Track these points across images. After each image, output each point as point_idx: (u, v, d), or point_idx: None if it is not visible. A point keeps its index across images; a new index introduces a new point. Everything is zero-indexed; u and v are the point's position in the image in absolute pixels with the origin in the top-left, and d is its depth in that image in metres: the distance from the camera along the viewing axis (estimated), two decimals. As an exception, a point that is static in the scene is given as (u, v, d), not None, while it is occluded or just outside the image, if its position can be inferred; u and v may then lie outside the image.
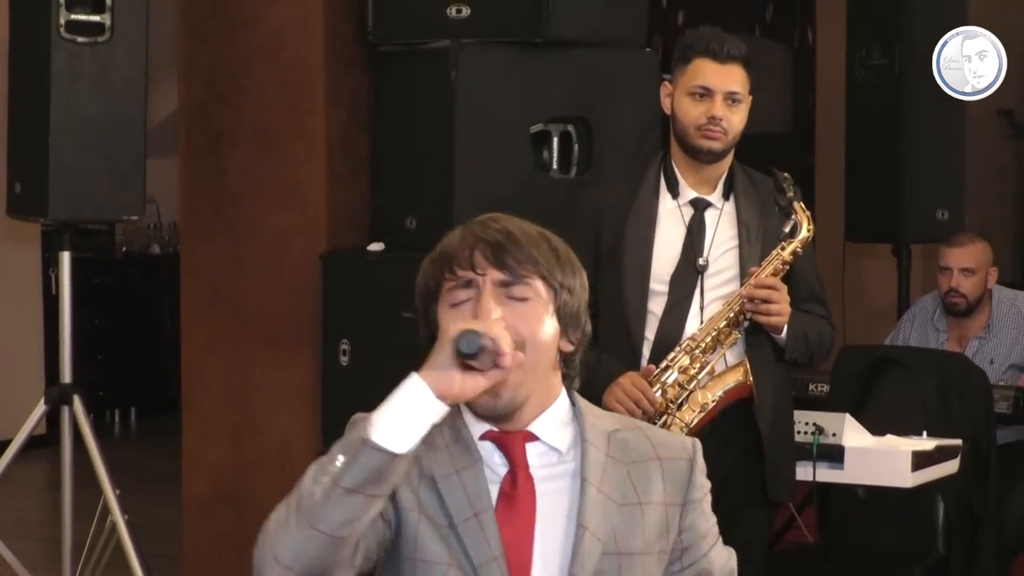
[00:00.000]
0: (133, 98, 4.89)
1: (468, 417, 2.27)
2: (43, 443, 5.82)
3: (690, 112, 3.76)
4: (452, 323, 2.13)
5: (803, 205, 3.74)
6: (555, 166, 4.89)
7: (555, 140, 4.89)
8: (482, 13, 4.77)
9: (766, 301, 3.66)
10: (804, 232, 3.73)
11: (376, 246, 5.07)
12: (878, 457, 4.16)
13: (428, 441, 2.12)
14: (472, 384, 2.09)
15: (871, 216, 6.37)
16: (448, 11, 4.80)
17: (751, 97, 3.81)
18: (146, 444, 8.97)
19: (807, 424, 4.11)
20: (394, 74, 5.04)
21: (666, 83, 3.87)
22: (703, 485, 2.29)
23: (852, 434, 4.16)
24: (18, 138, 4.92)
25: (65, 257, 5.04)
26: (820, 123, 8.50)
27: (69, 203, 4.85)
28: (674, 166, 3.84)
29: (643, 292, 3.76)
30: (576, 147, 4.90)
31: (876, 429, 4.28)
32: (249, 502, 5.36)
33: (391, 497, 2.19)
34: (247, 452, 5.38)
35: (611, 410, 3.30)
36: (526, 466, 2.23)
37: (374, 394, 5.48)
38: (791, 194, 3.72)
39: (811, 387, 5.38)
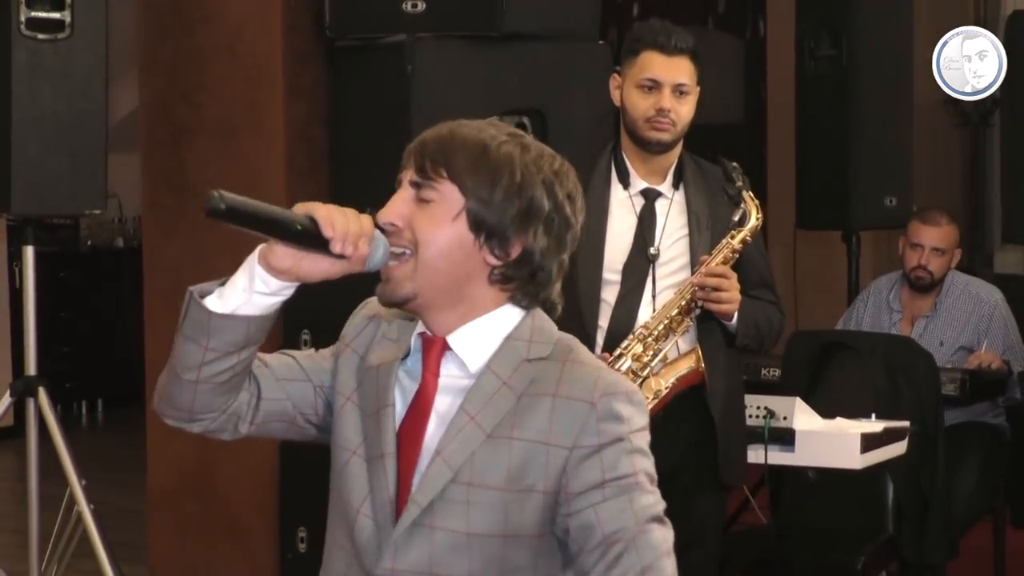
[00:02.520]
0: (94, 94, 4.87)
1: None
2: (10, 435, 5.82)
3: (639, 104, 3.76)
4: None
5: (752, 194, 3.75)
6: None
7: (510, 132, 4.90)
8: (437, 8, 4.76)
9: (717, 289, 3.67)
10: (753, 220, 3.73)
11: (335, 238, 5.06)
12: (828, 440, 4.18)
13: (389, 330, 2.25)
14: (310, 266, 2.14)
15: (821, 204, 6.40)
16: (404, 6, 4.79)
17: (699, 88, 3.81)
18: (112, 435, 8.95)
19: (759, 408, 4.12)
20: (351, 68, 5.04)
21: (616, 76, 3.87)
22: (606, 432, 2.10)
23: (803, 417, 4.18)
24: (-20, 135, 4.90)
25: (29, 251, 5.02)
26: (771, 113, 8.52)
27: (32, 197, 4.83)
28: (624, 157, 3.84)
29: (596, 281, 3.75)
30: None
31: (826, 412, 4.29)
32: (212, 492, 5.36)
33: (332, 374, 2.27)
34: (210, 443, 5.32)
35: None
36: (435, 372, 2.19)
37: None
38: (739, 183, 3.72)
39: (763, 372, 5.40)
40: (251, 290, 2.16)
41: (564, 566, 2.17)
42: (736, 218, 3.72)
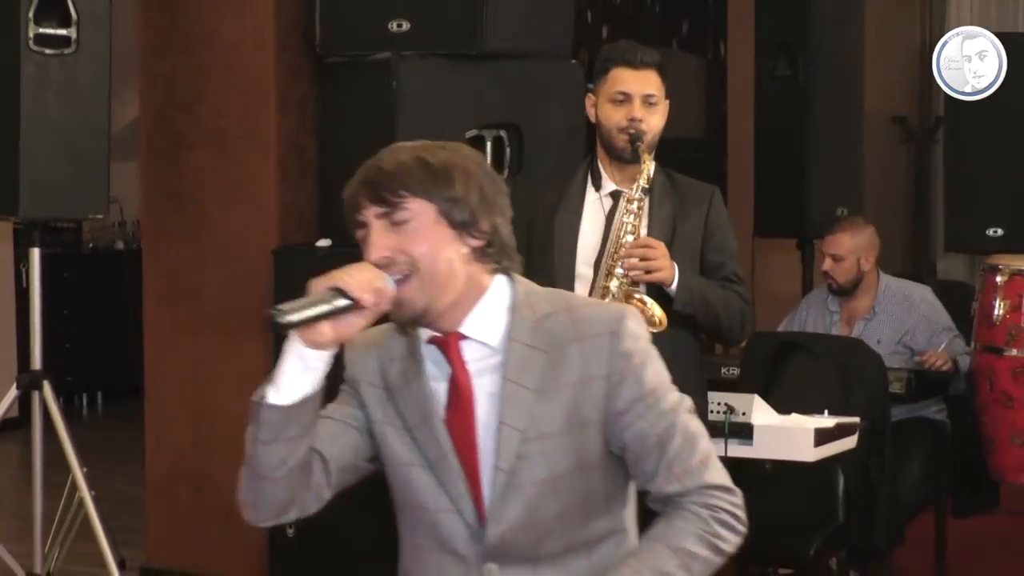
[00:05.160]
0: (97, 105, 4.85)
1: (420, 333, 2.31)
2: (15, 425, 5.79)
3: (612, 116, 3.77)
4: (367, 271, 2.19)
5: (647, 156, 3.71)
6: (488, 168, 4.90)
7: (488, 144, 4.89)
8: (421, 27, 4.76)
9: (644, 259, 3.63)
10: (643, 180, 3.70)
11: (324, 242, 5.05)
12: (784, 434, 4.18)
13: (388, 352, 2.31)
14: (347, 328, 2.17)
15: (778, 213, 6.41)
16: (389, 26, 4.79)
17: (668, 100, 3.82)
18: (112, 426, 8.91)
19: (719, 404, 4.12)
20: (340, 84, 5.03)
21: (590, 94, 3.88)
22: (630, 352, 2.24)
23: (760, 413, 4.18)
24: (-10, 143, 4.88)
25: (35, 253, 5.00)
26: (731, 128, 8.53)
27: (38, 203, 4.81)
28: (600, 166, 3.85)
29: (571, 275, 3.76)
30: (508, 151, 4.90)
31: (782, 408, 4.30)
32: (207, 479, 5.35)
33: (362, 409, 2.33)
34: (205, 433, 5.35)
35: None
36: (463, 364, 2.26)
37: (324, 380, 5.40)
38: (634, 148, 3.69)
39: (723, 370, 5.40)
40: (309, 369, 2.21)
41: (626, 479, 2.32)
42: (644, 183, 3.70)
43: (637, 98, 3.75)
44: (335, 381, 2.37)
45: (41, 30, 4.73)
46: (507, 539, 2.25)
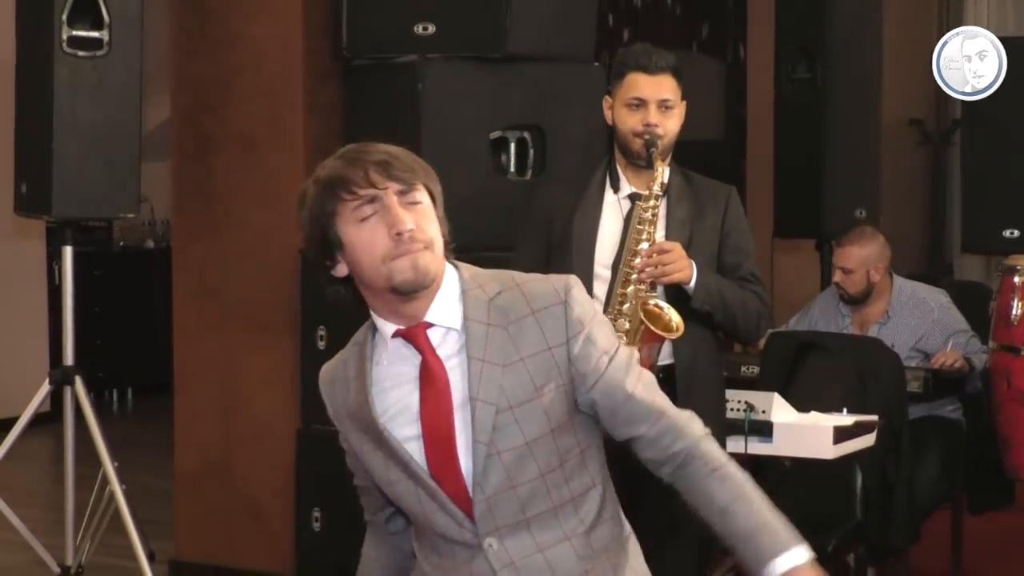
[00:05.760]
0: (128, 107, 4.86)
1: (379, 323, 2.37)
2: (48, 420, 5.80)
3: (628, 121, 3.74)
4: (371, 239, 2.27)
5: (661, 161, 3.69)
6: (512, 169, 4.90)
7: (512, 146, 4.89)
8: (446, 30, 4.76)
9: (661, 264, 3.61)
10: (656, 187, 3.69)
11: (349, 242, 5.06)
12: (803, 432, 4.17)
13: (343, 374, 2.39)
14: None
15: (796, 214, 6.39)
16: (415, 29, 4.79)
17: (684, 102, 3.79)
18: (141, 421, 8.93)
19: (739, 402, 4.11)
20: (366, 86, 5.03)
21: (607, 98, 3.86)
22: (580, 318, 2.33)
23: (780, 411, 4.17)
24: (24, 143, 4.90)
25: (67, 251, 5.01)
26: (751, 130, 8.52)
27: (70, 202, 4.83)
28: (618, 168, 3.83)
29: (588, 276, 3.72)
30: (531, 152, 4.90)
31: (801, 406, 4.28)
32: (234, 473, 5.36)
33: (353, 451, 2.43)
34: (232, 428, 5.36)
35: None
36: (432, 350, 2.33)
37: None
38: (649, 154, 3.68)
39: (743, 369, 5.38)
40: None
41: (595, 435, 2.41)
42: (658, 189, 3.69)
43: (652, 103, 3.72)
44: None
45: (74, 32, 4.75)
46: (494, 508, 2.32)
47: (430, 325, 2.33)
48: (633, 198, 3.78)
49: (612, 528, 2.42)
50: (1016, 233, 7.52)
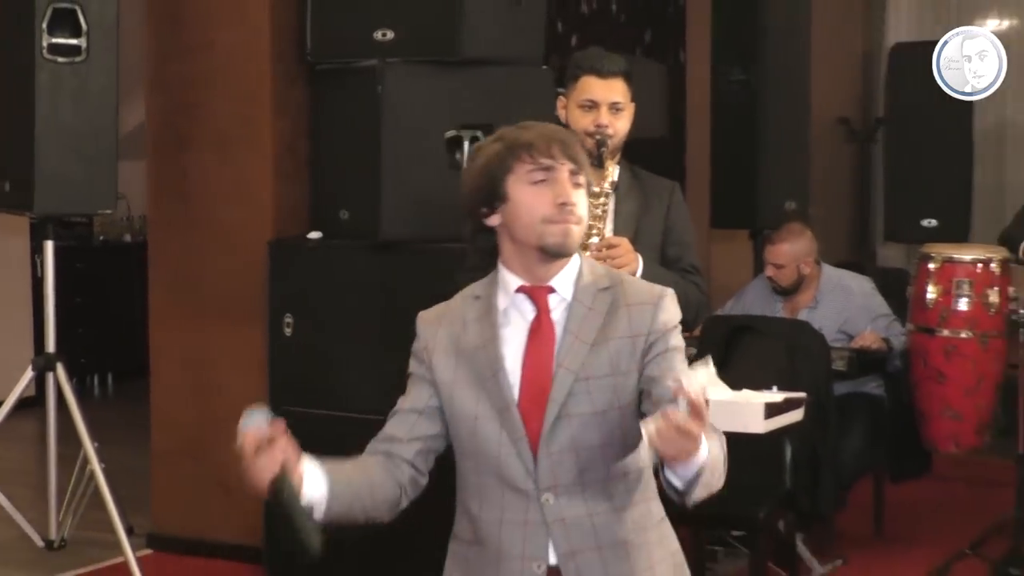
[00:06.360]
0: (106, 109, 4.85)
1: (507, 276, 2.49)
2: (32, 404, 5.76)
3: (580, 121, 3.74)
4: (536, 201, 2.42)
5: (607, 159, 3.67)
6: (466, 166, 4.90)
7: (466, 144, 4.89)
8: (404, 36, 4.77)
9: (610, 258, 3.62)
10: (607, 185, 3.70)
11: (315, 235, 5.06)
12: (736, 408, 4.18)
13: (461, 319, 2.49)
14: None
15: (732, 206, 6.43)
16: (375, 35, 4.80)
17: (633, 104, 3.81)
18: (120, 403, 8.89)
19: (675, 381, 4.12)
20: (330, 89, 5.03)
21: (561, 97, 3.85)
22: (666, 321, 2.46)
23: (714, 389, 4.19)
24: (7, 144, 4.87)
25: (49, 245, 5.00)
26: (689, 129, 8.54)
27: (52, 199, 4.81)
28: None
29: None
30: (484, 150, 4.90)
31: (735, 384, 4.31)
32: (207, 453, 5.35)
33: (431, 383, 2.49)
34: (205, 410, 5.36)
35: None
36: (548, 311, 2.47)
37: (314, 360, 5.47)
38: (599, 153, 3.68)
39: (680, 350, 5.41)
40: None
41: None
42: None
43: (604, 105, 3.72)
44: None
45: (54, 40, 4.73)
46: (556, 467, 2.40)
47: (552, 290, 2.47)
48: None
49: (653, 508, 2.51)
50: (934, 223, 7.62)
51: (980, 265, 5.04)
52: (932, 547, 5.29)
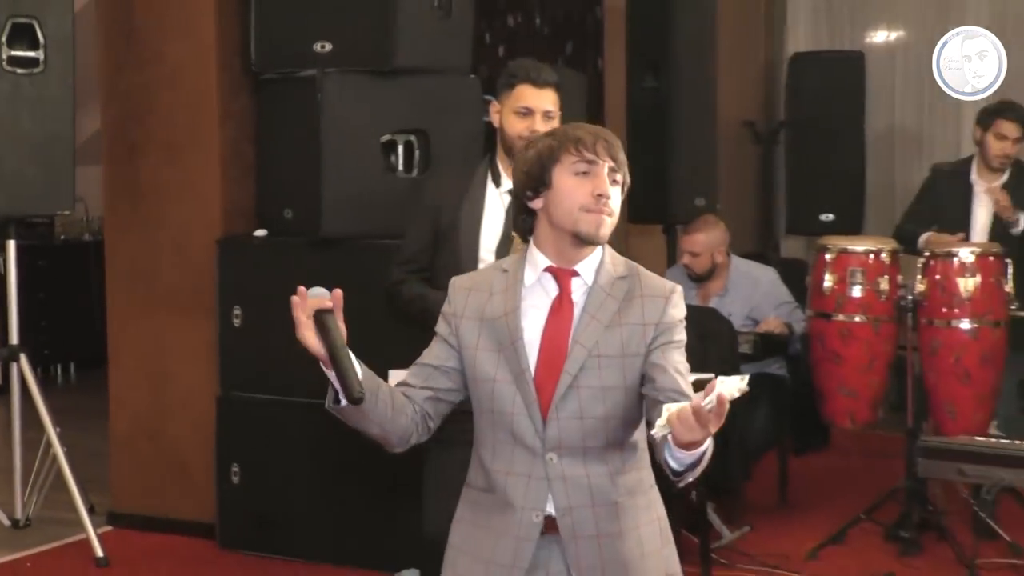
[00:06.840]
0: (63, 118, 4.83)
1: (537, 256, 2.54)
2: (-3, 392, 5.73)
3: (515, 127, 3.75)
4: (577, 190, 2.48)
5: None
6: (400, 168, 4.91)
7: (400, 147, 4.90)
8: (342, 48, 4.77)
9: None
10: None
11: (260, 232, 5.06)
12: (650, 388, 4.22)
13: (489, 289, 2.54)
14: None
15: (646, 203, 6.44)
16: (315, 47, 4.79)
17: (561, 112, 3.83)
18: (82, 391, 8.81)
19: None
20: (273, 97, 5.02)
21: (495, 102, 3.84)
22: (674, 315, 2.51)
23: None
24: (-30, 150, 4.83)
25: (11, 244, 4.97)
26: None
27: (13, 201, 4.79)
28: (499, 165, 3.84)
29: (474, 260, 3.73)
30: (417, 153, 4.91)
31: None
32: (163, 435, 5.33)
33: (456, 346, 2.53)
34: (160, 396, 5.34)
35: None
36: (569, 292, 2.52)
37: (261, 348, 5.43)
38: None
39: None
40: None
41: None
42: None
43: (538, 113, 3.73)
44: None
45: (13, 52, 4.70)
46: (562, 431, 2.47)
47: (576, 274, 2.52)
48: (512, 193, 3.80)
49: (644, 477, 2.57)
50: (831, 217, 7.73)
51: (872, 256, 5.11)
52: (831, 514, 5.35)
